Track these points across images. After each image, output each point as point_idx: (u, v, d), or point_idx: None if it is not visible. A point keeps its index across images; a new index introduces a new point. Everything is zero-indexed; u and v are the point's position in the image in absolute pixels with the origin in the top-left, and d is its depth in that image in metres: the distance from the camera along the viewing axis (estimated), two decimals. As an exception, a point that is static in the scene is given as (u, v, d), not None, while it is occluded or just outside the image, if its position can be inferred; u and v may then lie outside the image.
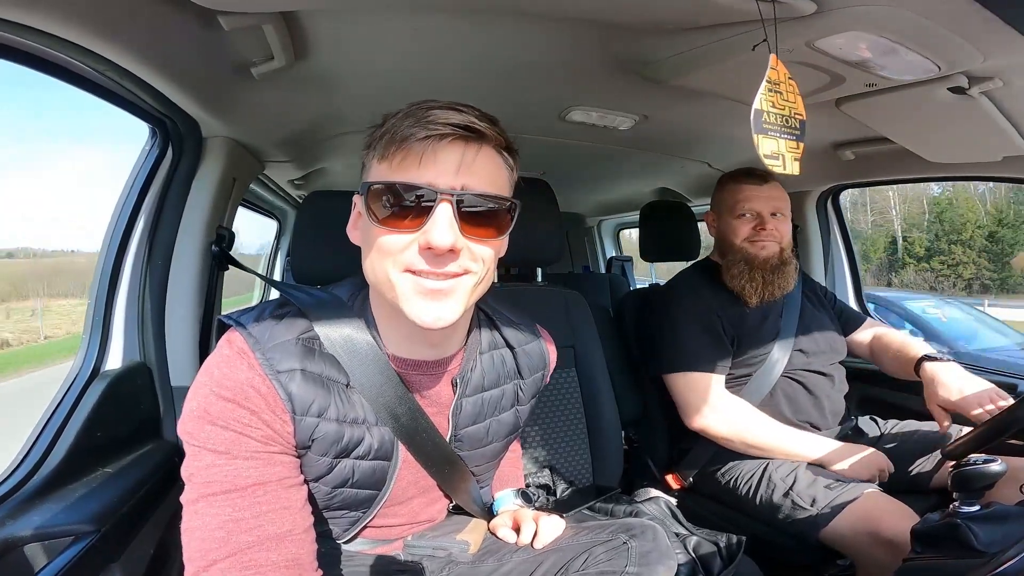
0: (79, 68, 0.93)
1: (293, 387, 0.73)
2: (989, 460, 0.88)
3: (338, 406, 0.77)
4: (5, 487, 0.88)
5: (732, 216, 1.55)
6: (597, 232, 4.35)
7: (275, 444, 0.72)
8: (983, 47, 0.96)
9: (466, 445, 0.92)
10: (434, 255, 0.70)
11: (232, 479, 0.68)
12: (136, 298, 1.19)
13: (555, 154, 2.19)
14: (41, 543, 0.82)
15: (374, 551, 0.93)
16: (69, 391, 1.04)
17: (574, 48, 1.20)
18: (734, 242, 1.55)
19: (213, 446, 0.69)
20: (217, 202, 1.34)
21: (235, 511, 0.67)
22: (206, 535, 0.67)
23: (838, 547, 1.23)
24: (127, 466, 1.04)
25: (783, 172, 0.92)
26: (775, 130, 0.90)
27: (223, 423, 0.69)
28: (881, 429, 1.60)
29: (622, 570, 0.81)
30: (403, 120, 0.71)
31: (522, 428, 1.03)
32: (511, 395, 0.96)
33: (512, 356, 0.96)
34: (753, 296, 1.50)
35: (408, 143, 0.69)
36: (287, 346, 0.74)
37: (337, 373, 0.78)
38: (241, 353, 0.73)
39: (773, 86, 0.89)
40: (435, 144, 0.70)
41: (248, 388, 0.71)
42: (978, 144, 1.43)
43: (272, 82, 1.22)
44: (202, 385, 0.71)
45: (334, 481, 0.80)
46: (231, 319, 0.77)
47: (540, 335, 1.03)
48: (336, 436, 0.77)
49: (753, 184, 1.54)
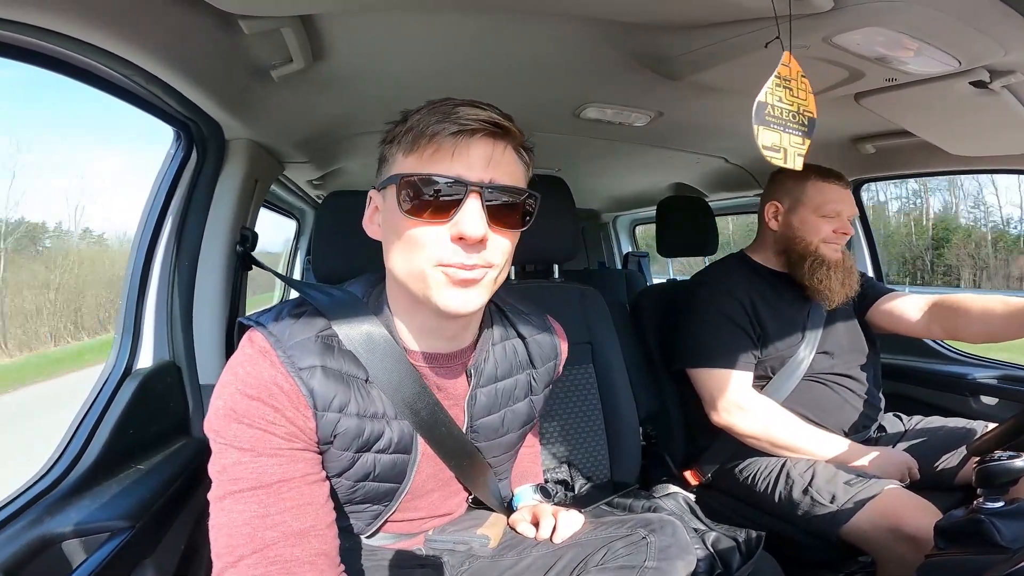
0: (107, 73, 0.96)
1: (315, 383, 0.74)
2: (1014, 456, 0.87)
3: (358, 401, 0.78)
4: (42, 484, 0.91)
5: (817, 214, 1.50)
6: (613, 228, 4.33)
7: (298, 441, 0.74)
8: (1004, 41, 0.95)
9: (482, 436, 0.93)
10: (465, 245, 0.72)
11: (258, 476, 0.70)
12: (165, 298, 1.22)
13: (570, 151, 2.19)
14: (79, 539, 0.85)
15: (396, 545, 0.95)
16: (103, 390, 1.07)
17: (589, 45, 1.20)
18: (811, 240, 1.50)
19: (239, 443, 0.70)
20: (241, 203, 1.36)
21: (260, 507, 0.69)
22: (233, 531, 0.68)
23: (859, 544, 1.22)
24: (159, 463, 1.07)
25: (783, 165, 0.91)
26: (779, 124, 0.89)
27: (248, 421, 0.71)
28: (905, 425, 1.58)
29: (641, 565, 0.81)
30: (430, 116, 0.72)
31: (537, 418, 1.04)
32: (524, 385, 0.97)
33: (524, 346, 0.97)
34: (836, 297, 1.48)
35: (439, 138, 0.71)
36: (307, 344, 0.76)
37: (356, 369, 0.79)
38: (263, 352, 0.74)
39: (783, 81, 0.88)
40: (467, 139, 0.71)
41: (272, 385, 0.72)
42: (1001, 137, 1.41)
43: (291, 84, 1.24)
44: (227, 384, 0.73)
45: (356, 475, 0.82)
46: (251, 320, 0.79)
47: (551, 326, 1.04)
48: (357, 431, 0.78)
49: (841, 186, 1.51)
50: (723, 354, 1.47)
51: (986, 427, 1.42)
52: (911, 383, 1.91)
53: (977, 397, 1.75)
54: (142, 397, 1.08)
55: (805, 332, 1.51)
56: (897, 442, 1.51)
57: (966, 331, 1.44)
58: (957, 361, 1.92)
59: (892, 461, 1.36)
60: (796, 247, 1.52)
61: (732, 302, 1.50)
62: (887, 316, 1.59)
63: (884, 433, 1.57)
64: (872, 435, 1.54)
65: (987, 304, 1.39)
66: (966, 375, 1.78)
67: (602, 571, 0.83)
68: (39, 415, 4.64)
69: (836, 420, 1.49)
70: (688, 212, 2.05)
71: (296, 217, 3.09)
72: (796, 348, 1.49)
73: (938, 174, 1.90)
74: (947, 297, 1.49)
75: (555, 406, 1.51)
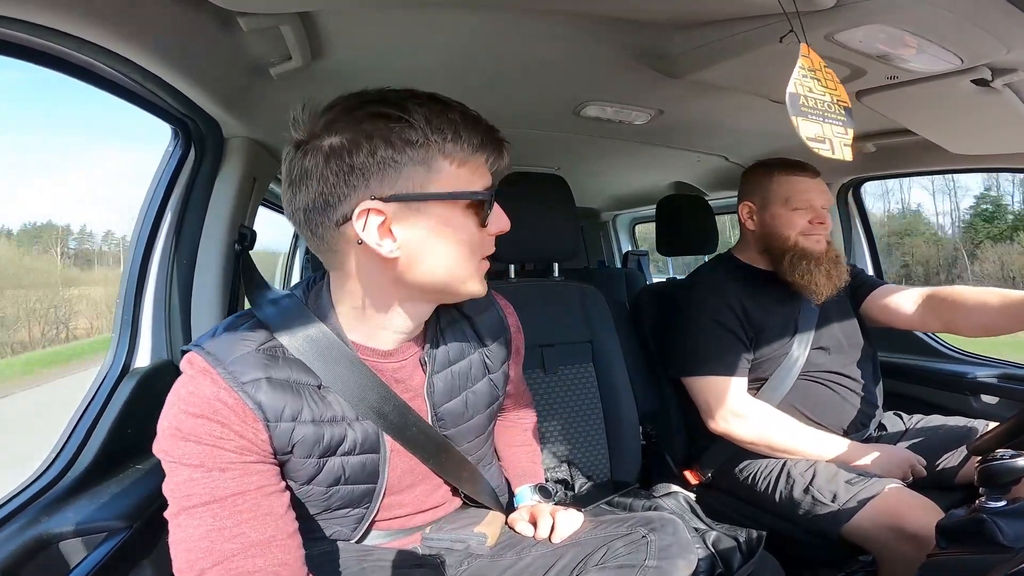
0: (104, 70, 0.95)
1: (260, 396, 0.73)
2: (1016, 455, 0.87)
3: (312, 408, 0.77)
4: (40, 484, 0.90)
5: (787, 208, 1.49)
6: (612, 227, 4.33)
7: (251, 454, 0.73)
8: (1006, 39, 0.94)
9: (449, 423, 0.92)
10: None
11: (211, 491, 0.69)
12: (163, 296, 1.22)
13: (570, 149, 2.19)
14: (76, 539, 0.84)
15: (391, 544, 0.94)
16: (101, 388, 1.07)
17: (589, 43, 1.19)
18: (788, 235, 1.48)
19: (188, 460, 0.69)
20: (239, 201, 1.36)
21: (216, 520, 0.68)
22: (191, 546, 0.68)
23: (860, 543, 1.22)
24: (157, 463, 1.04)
25: (832, 156, 0.89)
26: (817, 114, 0.88)
27: (196, 438, 0.70)
28: (906, 424, 1.57)
29: (641, 564, 0.81)
30: (467, 128, 0.74)
31: (501, 397, 1.02)
32: (479, 364, 0.96)
33: (471, 325, 0.97)
34: (823, 291, 1.45)
35: (481, 152, 0.76)
36: (247, 358, 0.75)
37: (306, 376, 0.78)
38: (203, 371, 0.73)
39: (810, 72, 0.87)
40: (498, 152, 0.78)
41: (215, 402, 0.71)
42: (1002, 136, 1.40)
43: (290, 82, 1.23)
44: (171, 406, 0.72)
45: (326, 480, 0.81)
46: (190, 345, 0.77)
47: (494, 301, 1.03)
48: (316, 437, 0.77)
49: (807, 176, 1.49)
50: (716, 361, 1.46)
51: (987, 426, 1.42)
52: (911, 382, 1.90)
53: (978, 396, 1.75)
54: (140, 396, 1.08)
55: (798, 329, 1.50)
56: (898, 441, 1.50)
57: (962, 324, 1.43)
58: (958, 360, 1.91)
59: (895, 459, 1.35)
60: (775, 244, 1.51)
61: (722, 307, 1.49)
62: (882, 309, 1.58)
63: (885, 432, 1.56)
64: (872, 434, 1.54)
65: (983, 297, 1.38)
66: (966, 374, 1.78)
67: (602, 570, 0.82)
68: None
69: (834, 419, 1.48)
70: (688, 210, 2.04)
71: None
72: (790, 346, 1.48)
73: (938, 172, 1.90)
74: (942, 289, 1.48)
75: (555, 405, 1.50)
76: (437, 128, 0.72)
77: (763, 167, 1.57)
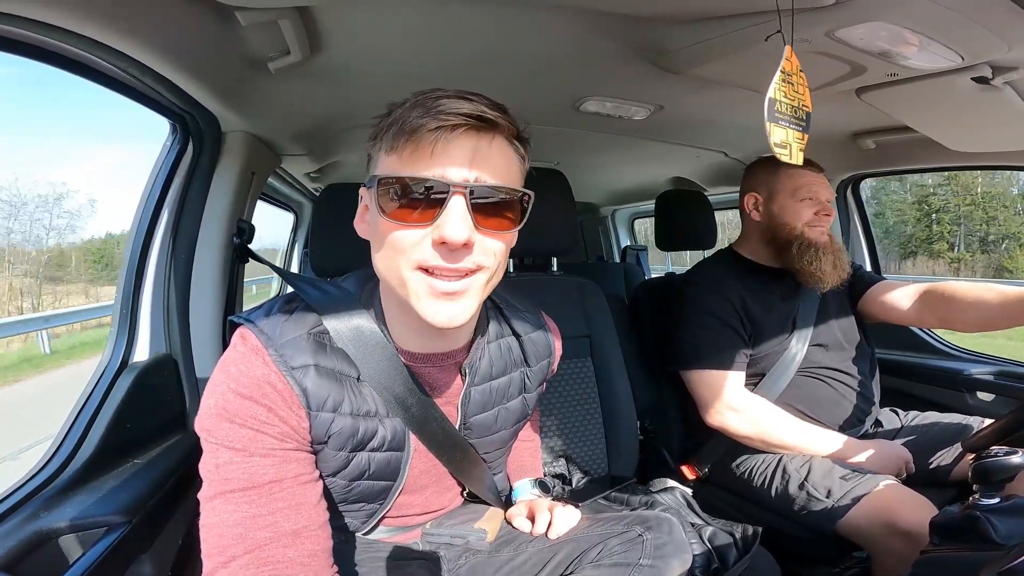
0: (102, 66, 0.94)
1: (308, 383, 0.73)
2: (1010, 452, 0.88)
3: (351, 400, 0.78)
4: (39, 479, 0.91)
5: (794, 199, 1.50)
6: (611, 222, 4.33)
7: (291, 441, 0.73)
8: (1007, 37, 0.94)
9: (475, 433, 0.93)
10: (448, 250, 0.68)
11: (249, 476, 0.69)
12: (161, 291, 1.22)
13: (569, 144, 2.18)
14: (75, 534, 0.84)
15: (393, 539, 0.95)
16: (99, 382, 1.06)
17: (589, 38, 1.19)
18: (795, 225, 1.50)
19: (231, 443, 0.69)
20: (237, 196, 1.35)
21: (252, 508, 0.68)
22: (224, 531, 0.68)
23: (854, 539, 1.23)
24: (155, 457, 1.06)
25: (789, 161, 0.91)
26: (785, 120, 0.89)
27: (240, 420, 0.70)
28: (901, 421, 1.58)
29: (636, 562, 0.82)
30: (411, 110, 0.68)
31: (530, 415, 1.04)
32: (518, 383, 0.97)
33: (519, 344, 0.96)
34: (828, 280, 1.47)
35: (418, 134, 0.67)
36: (298, 342, 0.75)
37: (348, 367, 0.78)
38: (255, 350, 0.73)
39: (786, 76, 0.88)
40: (447, 135, 0.67)
41: (265, 384, 0.71)
42: (1002, 133, 1.41)
43: (288, 76, 1.22)
44: (219, 383, 0.72)
45: (351, 474, 0.81)
46: (241, 317, 0.77)
47: (545, 324, 1.03)
48: (352, 430, 0.78)
49: (813, 170, 1.51)
50: (714, 356, 1.47)
51: (982, 423, 1.43)
52: (907, 379, 1.91)
53: (973, 393, 1.76)
54: (139, 391, 1.08)
55: (796, 325, 1.51)
56: (893, 438, 1.51)
57: (959, 319, 1.43)
58: (954, 357, 1.92)
59: (888, 455, 1.36)
60: (781, 234, 1.52)
61: (722, 301, 1.50)
62: (879, 305, 1.59)
63: (880, 428, 1.57)
64: (868, 430, 1.55)
65: (980, 292, 1.38)
66: (962, 371, 1.78)
67: (597, 568, 0.83)
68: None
69: (831, 415, 1.49)
70: (687, 206, 2.05)
71: (294, 210, 3.08)
72: (788, 342, 1.49)
73: (938, 170, 1.90)
74: (939, 285, 1.49)
75: (553, 400, 1.50)
76: (387, 115, 0.73)
77: (771, 160, 1.57)
